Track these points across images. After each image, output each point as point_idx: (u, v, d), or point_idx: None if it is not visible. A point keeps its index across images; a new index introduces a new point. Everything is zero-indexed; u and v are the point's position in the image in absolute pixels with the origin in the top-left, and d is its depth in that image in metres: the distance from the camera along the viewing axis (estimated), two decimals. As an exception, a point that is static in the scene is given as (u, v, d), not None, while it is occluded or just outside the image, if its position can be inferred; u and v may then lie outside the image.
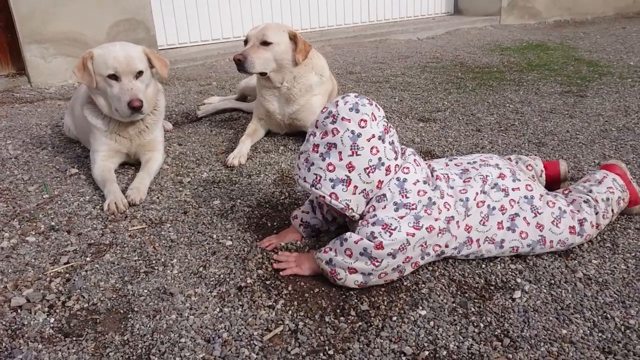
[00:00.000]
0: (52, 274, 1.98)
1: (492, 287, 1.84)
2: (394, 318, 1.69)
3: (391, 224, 1.77)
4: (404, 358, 1.54)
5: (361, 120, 1.78)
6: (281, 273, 1.94)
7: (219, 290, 1.86)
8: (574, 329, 1.62)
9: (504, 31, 7.26)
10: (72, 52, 4.95)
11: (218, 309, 1.76)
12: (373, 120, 1.80)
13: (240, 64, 2.93)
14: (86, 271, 1.98)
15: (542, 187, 2.12)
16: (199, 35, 6.17)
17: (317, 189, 1.81)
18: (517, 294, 1.78)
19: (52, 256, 2.10)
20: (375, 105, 1.86)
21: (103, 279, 1.94)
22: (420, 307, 1.74)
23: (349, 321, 1.69)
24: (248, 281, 1.90)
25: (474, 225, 1.93)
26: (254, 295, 1.82)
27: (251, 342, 1.61)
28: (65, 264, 2.04)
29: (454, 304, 1.76)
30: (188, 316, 1.72)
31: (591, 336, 1.60)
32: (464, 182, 2.00)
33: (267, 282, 1.89)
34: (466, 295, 1.80)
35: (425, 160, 2.07)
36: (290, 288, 1.86)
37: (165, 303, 1.79)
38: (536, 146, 3.08)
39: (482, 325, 1.66)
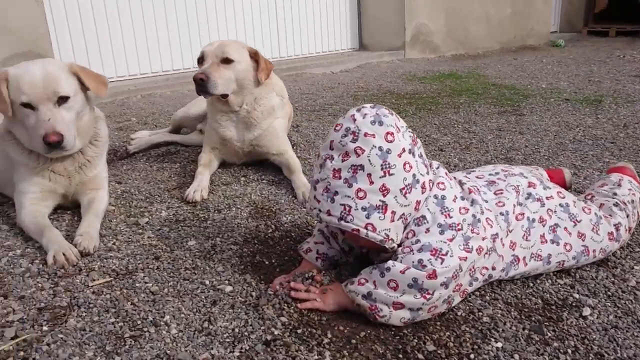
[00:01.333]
0: (-2, 354, 1.44)
1: (554, 307, 1.63)
2: (472, 356, 1.41)
3: (441, 249, 1.50)
4: (508, 404, 1.24)
5: (387, 133, 1.50)
6: (300, 305, 1.61)
7: (242, 348, 1.45)
8: (667, 342, 1.44)
9: (411, 64, 7.48)
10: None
11: (252, 373, 1.35)
12: (398, 132, 1.53)
13: (202, 85, 2.54)
14: (48, 345, 1.47)
15: (571, 194, 1.98)
16: (110, 71, 5.56)
17: (347, 222, 1.49)
18: (587, 311, 1.59)
19: (-9, 331, 1.54)
20: (396, 115, 1.60)
21: (76, 352, 1.44)
22: (493, 340, 1.47)
23: (421, 367, 1.37)
24: (275, 333, 1.51)
25: (518, 241, 1.72)
26: (289, 350, 1.44)
27: (315, 410, 1.22)
28: (13, 338, 1.51)
29: (527, 331, 1.51)
30: (217, 388, 1.30)
31: (687, 348, 1.42)
32: (495, 194, 1.79)
33: (299, 332, 1.52)
34: (532, 319, 1.57)
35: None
36: (330, 335, 1.51)
37: (178, 374, 1.34)
38: (505, 161, 3.01)
39: (569, 351, 1.43)
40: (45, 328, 1.55)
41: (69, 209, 2.40)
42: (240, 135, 2.80)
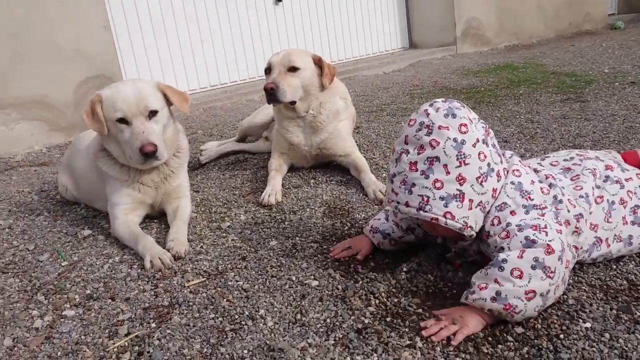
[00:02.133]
0: (115, 349, 1.59)
1: (640, 287, 1.62)
2: (561, 336, 1.43)
3: (539, 224, 1.51)
4: (605, 380, 1.27)
5: (461, 125, 1.55)
6: (454, 342, 1.46)
7: (336, 337, 1.53)
8: None
9: (464, 58, 7.41)
10: (38, 115, 4.52)
11: (349, 359, 1.43)
12: (471, 123, 1.58)
13: (272, 94, 2.67)
14: (159, 339, 1.61)
15: (649, 174, 1.96)
16: (182, 85, 5.85)
17: (426, 211, 1.54)
18: (677, 290, 1.57)
19: (106, 329, 1.70)
20: (468, 108, 1.64)
21: (185, 345, 1.57)
22: (581, 320, 1.49)
23: (512, 348, 1.41)
24: (365, 322, 1.59)
25: (599, 223, 1.72)
26: (381, 336, 1.51)
27: (414, 390, 1.29)
28: (126, 335, 1.65)
29: (614, 311, 1.52)
30: (318, 372, 1.39)
31: None
32: (571, 180, 1.80)
33: (388, 320, 1.59)
34: (619, 299, 1.57)
35: None
36: (418, 321, 1.56)
37: (280, 361, 1.44)
38: (573, 148, 2.97)
39: (662, 329, 1.42)
40: (153, 325, 1.70)
41: (155, 218, 2.58)
42: (307, 139, 2.91)
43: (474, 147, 1.55)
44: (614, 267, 1.74)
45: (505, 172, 1.66)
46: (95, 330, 1.70)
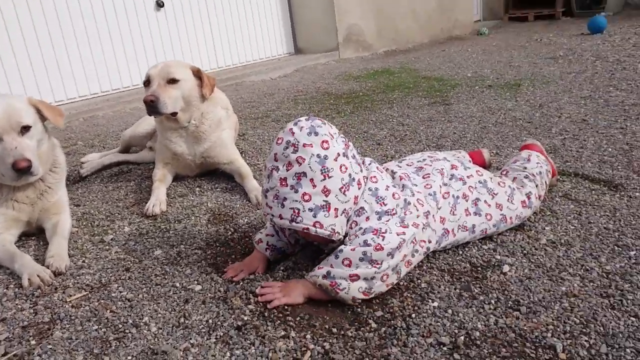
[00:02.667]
0: (-7, 370, 1.58)
1: (479, 268, 1.91)
2: (413, 315, 1.66)
3: (381, 228, 1.75)
4: (445, 348, 1.51)
5: (323, 142, 1.74)
6: (269, 305, 1.78)
7: (217, 335, 1.65)
8: (569, 285, 1.75)
9: (346, 63, 7.78)
10: None
11: (229, 354, 1.56)
12: (332, 139, 1.77)
13: (153, 106, 2.71)
14: (39, 355, 1.62)
15: (488, 171, 2.28)
16: (48, 95, 5.56)
17: (297, 222, 1.73)
18: (506, 268, 1.88)
19: (-19, 351, 1.68)
20: (329, 124, 1.84)
21: (67, 358, 1.60)
22: (430, 300, 1.74)
23: (372, 329, 1.62)
24: (244, 319, 1.72)
25: (446, 216, 1.99)
26: (259, 330, 1.65)
27: (286, 375, 1.45)
28: (3, 355, 1.65)
29: (457, 290, 1.78)
30: (199, 369, 1.50)
31: (585, 287, 1.74)
32: (423, 178, 2.07)
33: (266, 315, 1.73)
34: (462, 280, 1.84)
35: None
36: (296, 313, 1.73)
37: (163, 363, 1.53)
38: (436, 148, 3.32)
39: (493, 301, 1.70)
40: (33, 342, 1.70)
41: (33, 235, 2.52)
42: (190, 149, 2.98)
43: (336, 160, 1.75)
44: (460, 252, 2.02)
45: (365, 179, 1.87)
46: (-31, 354, 1.67)
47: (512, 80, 5.20)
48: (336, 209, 1.75)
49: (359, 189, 1.82)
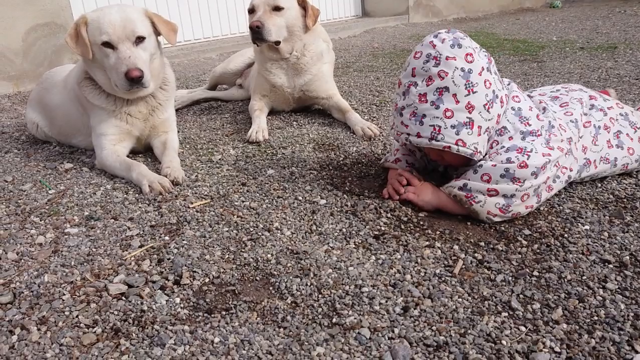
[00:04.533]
0: (133, 258, 1.57)
1: (625, 200, 1.78)
2: (565, 235, 1.56)
3: (526, 147, 1.64)
4: (610, 266, 1.40)
5: (467, 54, 1.61)
6: (396, 198, 1.77)
7: (355, 242, 1.59)
8: None
9: (417, 27, 7.56)
10: (-17, 62, 4.23)
11: (374, 257, 1.50)
12: (475, 52, 1.65)
13: (258, 32, 2.64)
14: (177, 249, 1.60)
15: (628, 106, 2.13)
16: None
17: (438, 140, 1.62)
18: (658, 200, 1.74)
19: (116, 242, 1.67)
20: (469, 37, 1.72)
21: (206, 252, 1.58)
22: (580, 224, 1.63)
23: (523, 245, 1.52)
24: (381, 229, 1.65)
25: (588, 145, 1.86)
26: (400, 240, 1.58)
27: (443, 279, 1.37)
28: (141, 247, 1.64)
29: (607, 217, 1.67)
30: (347, 268, 1.44)
31: None
32: (560, 106, 1.94)
33: (402, 227, 1.66)
34: (609, 208, 1.72)
35: None
36: (434, 228, 1.65)
37: (307, 261, 1.49)
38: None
39: (651, 228, 1.58)
40: (166, 238, 1.68)
41: (139, 153, 2.52)
42: (290, 81, 2.92)
43: (480, 75, 1.62)
44: (599, 185, 1.90)
45: (507, 98, 1.76)
46: (105, 244, 1.67)
47: (605, 44, 4.91)
48: (480, 127, 1.64)
49: (502, 107, 1.71)
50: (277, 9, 2.73)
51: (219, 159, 2.40)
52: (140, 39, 2.20)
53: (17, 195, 2.11)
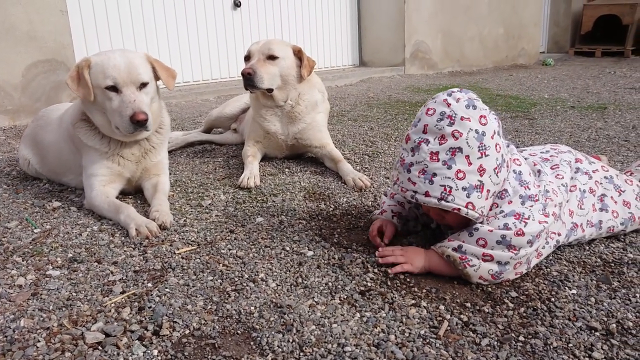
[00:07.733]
0: (113, 305, 1.54)
1: (612, 264, 1.78)
2: (552, 299, 1.55)
3: (524, 213, 1.63)
4: (597, 334, 1.39)
5: (481, 116, 1.60)
6: (391, 270, 1.70)
7: (340, 297, 1.57)
8: None
9: (412, 79, 7.72)
10: (-18, 95, 4.26)
11: (358, 315, 1.47)
12: (488, 114, 1.64)
13: (250, 79, 2.69)
14: (159, 297, 1.57)
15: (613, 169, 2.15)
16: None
17: (448, 201, 1.58)
18: (645, 266, 1.74)
19: (97, 287, 1.65)
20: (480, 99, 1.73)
21: (188, 302, 1.55)
22: (567, 288, 1.62)
23: (510, 308, 1.51)
24: (367, 285, 1.63)
25: (575, 210, 1.87)
26: (385, 297, 1.56)
27: (427, 341, 1.35)
28: (122, 293, 1.61)
29: (594, 281, 1.66)
30: (331, 325, 1.42)
31: None
32: (551, 168, 1.96)
33: (389, 284, 1.64)
34: (596, 272, 1.72)
35: None
36: (421, 286, 1.63)
37: (290, 316, 1.46)
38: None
39: (638, 295, 1.57)
40: (149, 285, 1.66)
41: (129, 194, 2.51)
42: (284, 129, 2.95)
43: (492, 138, 1.60)
44: (587, 248, 1.90)
45: (510, 161, 1.76)
46: (86, 288, 1.64)
47: (595, 104, 5.03)
48: (488, 191, 1.61)
49: (507, 171, 1.71)
50: (272, 57, 2.79)
51: (209, 204, 2.39)
52: (143, 84, 2.23)
53: (2, 233, 2.08)
